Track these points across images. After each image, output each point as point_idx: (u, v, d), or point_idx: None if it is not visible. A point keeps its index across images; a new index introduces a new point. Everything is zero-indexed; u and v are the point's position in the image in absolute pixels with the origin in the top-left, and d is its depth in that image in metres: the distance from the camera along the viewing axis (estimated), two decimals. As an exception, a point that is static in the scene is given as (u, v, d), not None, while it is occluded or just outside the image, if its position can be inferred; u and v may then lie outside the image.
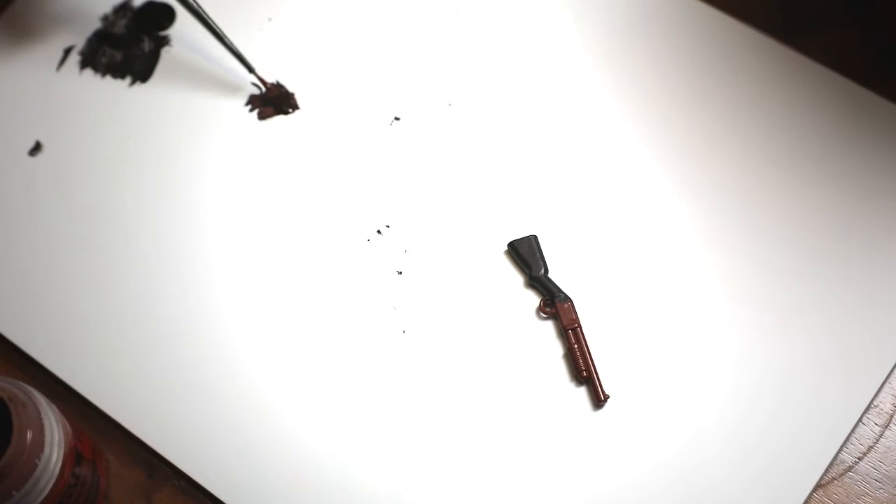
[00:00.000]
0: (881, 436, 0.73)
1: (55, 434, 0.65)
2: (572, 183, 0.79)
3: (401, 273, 0.77)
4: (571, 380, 0.74)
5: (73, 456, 0.67)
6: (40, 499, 0.64)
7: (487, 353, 0.75)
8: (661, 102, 0.81)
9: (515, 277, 0.77)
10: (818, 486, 0.71)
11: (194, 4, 0.79)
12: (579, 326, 0.74)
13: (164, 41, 0.85)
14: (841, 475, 0.72)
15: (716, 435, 0.72)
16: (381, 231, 0.78)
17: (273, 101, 0.82)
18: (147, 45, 0.85)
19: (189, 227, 0.79)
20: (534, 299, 0.76)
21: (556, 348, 0.75)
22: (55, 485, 0.65)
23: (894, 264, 0.76)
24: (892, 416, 0.73)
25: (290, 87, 0.82)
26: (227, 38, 0.80)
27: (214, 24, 0.79)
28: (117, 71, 0.84)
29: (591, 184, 0.79)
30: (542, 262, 0.76)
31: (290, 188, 0.80)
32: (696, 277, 0.76)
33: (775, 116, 0.80)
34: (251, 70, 0.81)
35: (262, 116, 0.81)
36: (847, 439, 0.72)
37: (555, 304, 0.75)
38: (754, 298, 0.75)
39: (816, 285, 0.75)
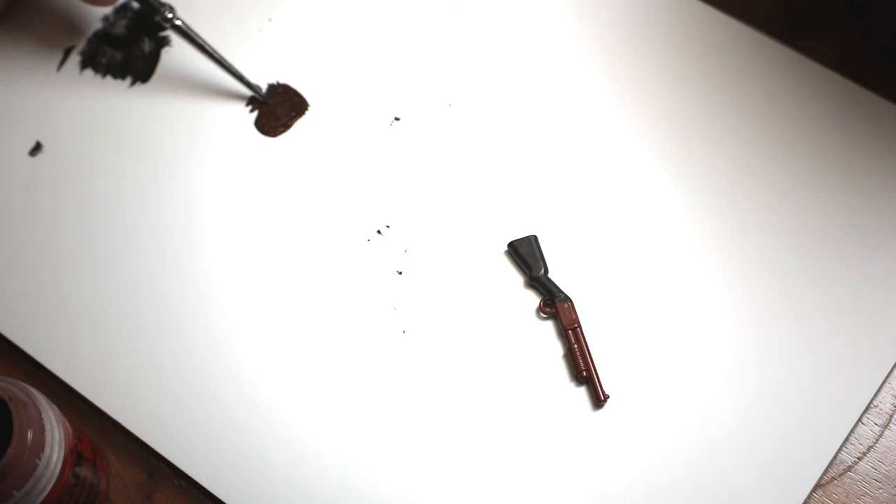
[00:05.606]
0: (881, 436, 0.73)
1: (56, 434, 0.65)
2: (572, 183, 0.79)
3: (401, 273, 0.77)
4: (571, 380, 0.74)
5: (74, 456, 0.67)
6: (41, 499, 0.64)
7: (487, 353, 0.75)
8: (661, 103, 0.81)
9: (515, 277, 0.77)
10: (818, 485, 0.71)
11: (195, 36, 0.80)
12: (579, 326, 0.74)
13: (165, 42, 0.85)
14: (840, 475, 0.72)
15: (714, 436, 0.72)
16: (381, 231, 0.78)
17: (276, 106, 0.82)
18: (147, 46, 0.85)
19: (189, 226, 0.79)
20: (534, 299, 0.76)
21: (556, 348, 0.75)
22: (55, 485, 0.65)
23: (894, 265, 0.76)
24: (891, 416, 0.73)
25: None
26: (227, 61, 0.81)
27: (215, 50, 0.81)
28: (118, 71, 0.84)
29: (591, 184, 0.79)
30: (542, 262, 0.76)
31: (290, 188, 0.80)
32: (695, 277, 0.76)
33: (776, 117, 0.80)
34: (256, 91, 0.82)
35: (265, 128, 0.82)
36: (846, 439, 0.72)
37: (555, 304, 0.75)
38: (753, 298, 0.75)
39: (815, 286, 0.75)
